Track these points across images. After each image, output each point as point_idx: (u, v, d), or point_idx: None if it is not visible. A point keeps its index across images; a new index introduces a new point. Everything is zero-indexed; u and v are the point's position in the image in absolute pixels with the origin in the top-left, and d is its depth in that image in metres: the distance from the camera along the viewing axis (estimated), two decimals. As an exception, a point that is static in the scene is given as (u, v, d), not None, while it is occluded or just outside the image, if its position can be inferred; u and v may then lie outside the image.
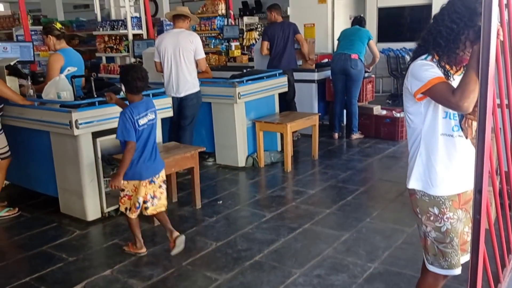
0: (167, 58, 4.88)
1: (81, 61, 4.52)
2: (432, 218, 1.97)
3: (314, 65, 6.60)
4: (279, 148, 5.58)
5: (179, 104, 4.96)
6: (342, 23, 10.43)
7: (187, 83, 4.89)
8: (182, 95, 4.92)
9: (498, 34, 1.77)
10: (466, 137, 1.92)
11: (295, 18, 10.55)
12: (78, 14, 14.81)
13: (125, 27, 6.68)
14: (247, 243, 3.43)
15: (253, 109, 5.25)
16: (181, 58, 4.83)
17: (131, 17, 6.71)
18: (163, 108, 4.37)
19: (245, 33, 10.93)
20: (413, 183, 1.99)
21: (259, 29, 11.70)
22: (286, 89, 5.74)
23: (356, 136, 6.30)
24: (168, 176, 4.23)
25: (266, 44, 6.18)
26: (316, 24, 10.09)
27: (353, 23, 6.42)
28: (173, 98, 4.85)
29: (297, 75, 6.35)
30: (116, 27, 6.75)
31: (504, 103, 2.63)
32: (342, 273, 2.96)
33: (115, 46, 6.92)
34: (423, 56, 1.93)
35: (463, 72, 1.78)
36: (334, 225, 3.70)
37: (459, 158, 1.92)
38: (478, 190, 1.75)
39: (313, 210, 3.99)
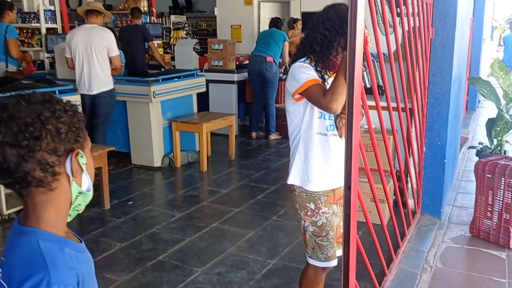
0: (78, 54, 4.72)
1: None
2: (309, 213, 2.07)
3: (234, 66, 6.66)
4: (197, 148, 5.58)
5: (92, 102, 4.81)
6: (267, 25, 10.63)
7: (99, 80, 4.76)
8: (94, 92, 4.78)
9: (366, 41, 1.91)
10: (341, 136, 2.04)
11: (222, 19, 10.63)
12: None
13: (38, 21, 6.36)
14: (152, 243, 3.41)
15: (169, 108, 5.21)
16: (93, 55, 4.69)
17: (45, 10, 6.40)
18: (71, 106, 4.21)
19: (172, 31, 10.82)
20: (292, 179, 2.09)
21: (187, 28, 11.63)
22: (204, 89, 5.75)
23: (273, 136, 6.43)
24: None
25: None
26: (242, 25, 10.20)
27: (270, 25, 6.60)
28: (85, 95, 4.72)
29: (216, 76, 6.41)
30: (27, 19, 6.41)
31: (386, 105, 2.82)
32: (242, 270, 3.03)
33: (26, 40, 6.57)
34: (302, 59, 2.03)
35: None
36: (241, 224, 3.77)
37: (333, 156, 2.04)
38: (348, 186, 1.86)
39: (223, 209, 4.04)
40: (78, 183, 1.00)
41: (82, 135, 1.00)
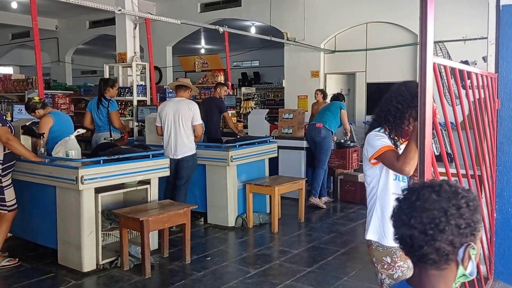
0: (167, 123, 5.35)
1: (70, 120, 5.14)
2: (385, 266, 2.29)
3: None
4: (268, 210, 5.89)
5: (176, 165, 5.35)
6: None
7: (184, 146, 5.32)
8: (179, 157, 5.33)
9: (434, 113, 2.20)
10: (414, 197, 2.28)
11: (290, 90, 11.30)
12: (86, 79, 15.66)
13: (131, 94, 7.25)
14: (231, 296, 3.67)
15: (244, 172, 5.64)
16: (180, 124, 5.30)
17: (137, 85, 7.29)
18: (161, 168, 4.75)
19: (242, 102, 11.61)
20: (370, 235, 2.33)
21: (256, 99, 12.41)
22: (275, 155, 6.17)
23: (313, 200, 6.48)
24: (160, 232, 4.54)
25: None
26: (309, 96, 10.77)
27: (331, 99, 7.25)
28: (170, 159, 5.26)
29: (286, 142, 6.85)
30: (122, 93, 7.31)
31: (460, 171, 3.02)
32: (317, 324, 3.20)
33: (120, 111, 7.43)
34: (377, 128, 2.35)
35: None
36: (314, 282, 3.95)
37: (407, 215, 2.27)
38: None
39: (295, 268, 4.25)
40: (464, 268, 1.15)
41: (479, 228, 1.15)
